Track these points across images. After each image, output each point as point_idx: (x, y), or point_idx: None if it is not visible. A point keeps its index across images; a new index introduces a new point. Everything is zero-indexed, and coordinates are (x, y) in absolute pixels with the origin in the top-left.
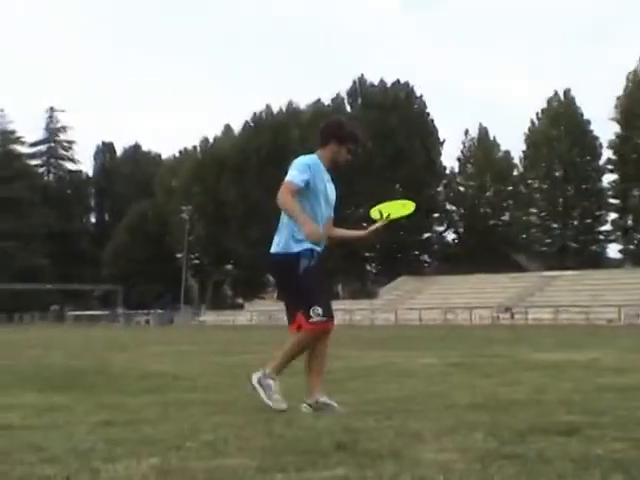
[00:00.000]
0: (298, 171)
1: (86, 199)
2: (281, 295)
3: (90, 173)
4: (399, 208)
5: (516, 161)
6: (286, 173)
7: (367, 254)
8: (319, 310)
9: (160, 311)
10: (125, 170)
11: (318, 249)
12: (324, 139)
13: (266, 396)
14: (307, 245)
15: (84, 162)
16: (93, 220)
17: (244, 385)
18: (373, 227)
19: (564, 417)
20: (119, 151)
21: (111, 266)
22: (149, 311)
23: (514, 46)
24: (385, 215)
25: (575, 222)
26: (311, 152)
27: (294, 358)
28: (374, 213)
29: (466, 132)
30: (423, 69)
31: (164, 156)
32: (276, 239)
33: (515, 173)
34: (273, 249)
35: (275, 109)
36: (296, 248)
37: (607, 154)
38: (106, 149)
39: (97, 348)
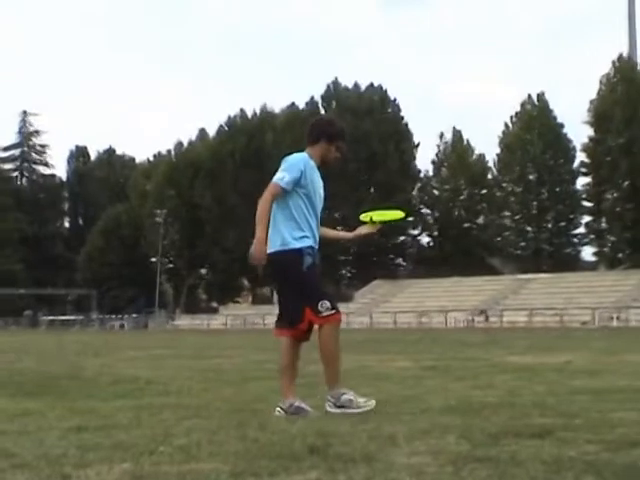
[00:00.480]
0: (287, 172)
1: (60, 203)
2: (281, 294)
3: (64, 177)
4: (389, 215)
5: (491, 164)
6: (263, 175)
7: (342, 258)
8: (328, 304)
9: (134, 315)
10: (99, 174)
11: (316, 247)
12: (314, 138)
13: (355, 409)
14: (308, 242)
15: (58, 166)
16: (67, 224)
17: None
18: (362, 230)
19: (537, 420)
20: (93, 155)
21: (85, 270)
22: (123, 315)
23: (489, 50)
24: (377, 220)
25: (549, 225)
26: (301, 150)
27: (338, 357)
28: (365, 217)
29: (441, 135)
30: (398, 72)
31: (138, 160)
32: (273, 237)
33: (490, 176)
34: (272, 248)
35: (250, 113)
36: (297, 244)
37: (581, 157)
38: (80, 153)
39: (70, 353)
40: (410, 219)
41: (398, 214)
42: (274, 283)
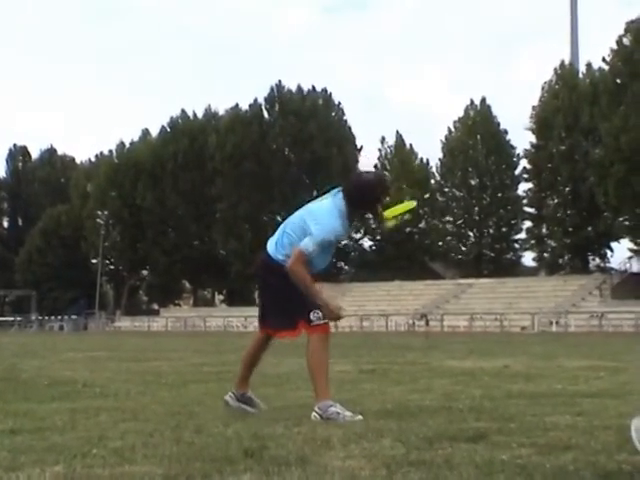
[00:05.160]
0: (315, 242)
1: None
2: (272, 299)
3: (2, 176)
4: (402, 208)
5: (434, 170)
6: (204, 177)
7: None
8: (319, 314)
9: (74, 317)
10: (40, 174)
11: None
12: (364, 203)
13: (342, 420)
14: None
15: None
16: (6, 224)
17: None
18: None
19: (473, 423)
20: (34, 154)
21: (24, 271)
22: (63, 317)
23: (434, 55)
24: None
25: (491, 230)
26: (333, 188)
27: (326, 369)
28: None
29: (382, 140)
30: (341, 76)
31: (80, 160)
32: (280, 247)
33: (433, 181)
34: (276, 255)
35: (197, 113)
36: None
37: (524, 163)
38: (19, 152)
39: (7, 354)
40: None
41: (410, 205)
42: (265, 286)
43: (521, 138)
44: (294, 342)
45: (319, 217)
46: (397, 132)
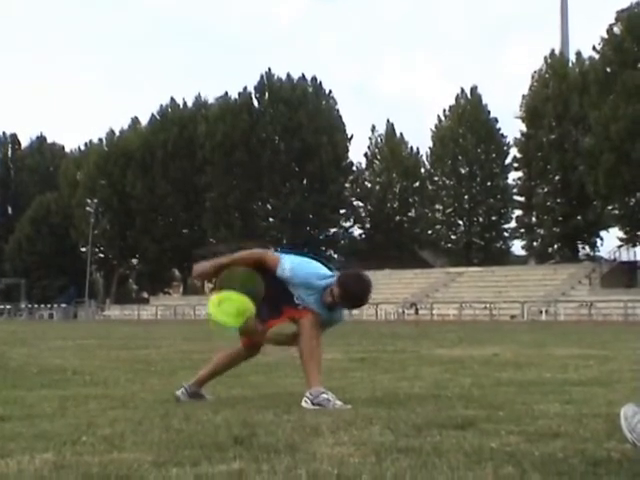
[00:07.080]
0: (292, 268)
1: None
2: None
3: None
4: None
5: (424, 158)
6: (194, 165)
7: None
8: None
9: (64, 305)
10: (30, 162)
11: None
12: (342, 297)
13: (332, 408)
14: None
15: None
16: None
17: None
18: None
19: (461, 411)
20: (24, 143)
21: (14, 260)
22: (53, 305)
23: (425, 43)
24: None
25: (480, 219)
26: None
27: (319, 353)
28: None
29: (373, 129)
30: (332, 65)
31: (70, 148)
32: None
33: (422, 170)
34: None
35: (187, 102)
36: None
37: (514, 152)
38: (9, 140)
39: None
40: (342, 211)
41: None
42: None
43: (511, 127)
44: (279, 332)
45: (314, 266)
46: (388, 121)
